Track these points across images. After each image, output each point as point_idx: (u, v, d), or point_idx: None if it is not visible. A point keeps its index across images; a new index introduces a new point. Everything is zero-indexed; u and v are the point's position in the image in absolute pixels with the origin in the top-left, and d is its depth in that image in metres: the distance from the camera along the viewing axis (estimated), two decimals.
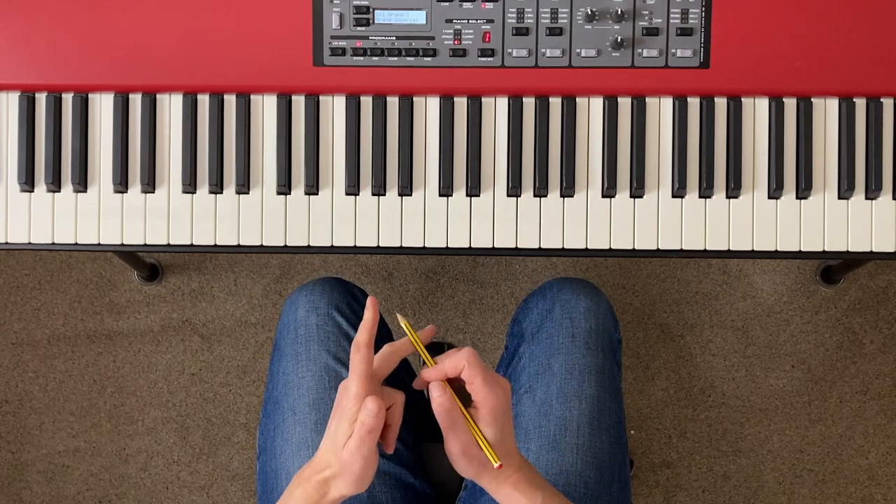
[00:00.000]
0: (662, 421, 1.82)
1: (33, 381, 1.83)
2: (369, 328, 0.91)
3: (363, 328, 0.91)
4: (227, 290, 1.83)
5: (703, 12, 1.12)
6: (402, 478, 1.13)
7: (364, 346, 0.89)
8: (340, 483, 0.89)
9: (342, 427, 0.88)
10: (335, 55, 1.13)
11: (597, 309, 1.19)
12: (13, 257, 1.84)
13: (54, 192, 1.15)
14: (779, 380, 1.82)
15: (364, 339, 0.90)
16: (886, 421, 1.82)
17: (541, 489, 0.92)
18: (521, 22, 1.12)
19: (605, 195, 1.15)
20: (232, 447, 1.82)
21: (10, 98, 1.15)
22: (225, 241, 1.15)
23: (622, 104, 1.14)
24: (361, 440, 0.86)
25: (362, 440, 0.86)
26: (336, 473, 0.89)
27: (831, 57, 1.12)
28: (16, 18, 1.12)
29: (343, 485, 0.89)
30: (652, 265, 1.84)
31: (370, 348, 0.90)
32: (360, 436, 0.86)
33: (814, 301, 1.83)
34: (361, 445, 0.86)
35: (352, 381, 0.88)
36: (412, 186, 1.14)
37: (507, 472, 0.91)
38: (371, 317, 0.91)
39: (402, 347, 0.94)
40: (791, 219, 1.15)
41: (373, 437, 0.86)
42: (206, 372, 1.83)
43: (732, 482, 1.82)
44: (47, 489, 1.83)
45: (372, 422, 0.86)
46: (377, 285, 1.83)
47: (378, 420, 0.86)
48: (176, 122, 1.15)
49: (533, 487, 0.92)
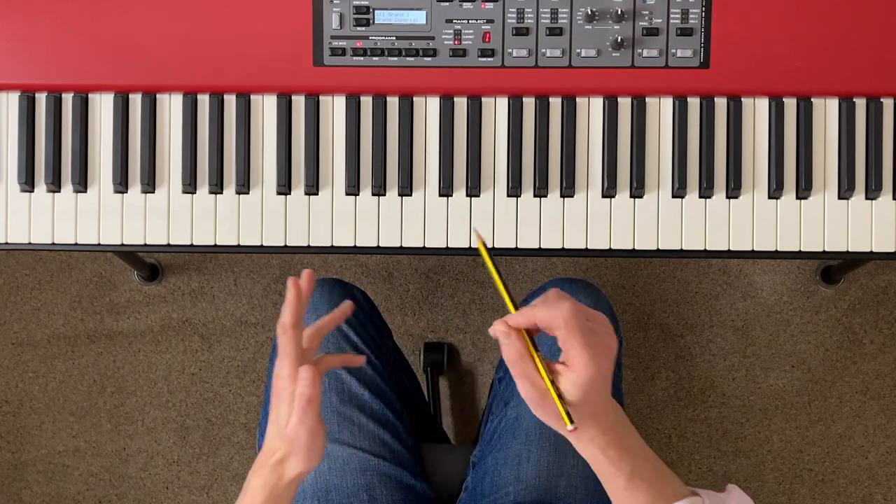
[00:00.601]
0: (662, 421, 1.82)
1: (33, 381, 1.83)
2: (293, 309, 0.89)
3: (286, 309, 0.89)
4: (227, 290, 1.83)
5: (703, 12, 1.12)
6: (403, 479, 1.13)
7: (290, 328, 0.88)
8: (293, 461, 0.88)
9: (281, 409, 0.88)
10: (335, 55, 1.13)
11: (596, 309, 1.19)
12: (13, 257, 1.84)
13: (54, 192, 1.15)
14: (779, 380, 1.82)
15: (288, 320, 0.88)
16: (886, 421, 1.82)
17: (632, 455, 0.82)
18: (521, 22, 1.12)
19: (605, 195, 1.15)
20: (232, 447, 1.82)
21: (10, 98, 1.15)
22: (225, 241, 1.15)
23: (622, 104, 1.14)
24: (303, 411, 0.86)
25: (303, 411, 0.86)
26: (287, 454, 0.89)
27: (831, 57, 1.12)
28: (16, 18, 1.12)
29: (296, 462, 0.88)
30: (652, 265, 1.84)
31: (297, 328, 0.89)
32: (301, 407, 0.86)
33: (814, 301, 1.83)
34: (304, 417, 0.86)
35: (282, 363, 0.88)
36: (412, 186, 1.14)
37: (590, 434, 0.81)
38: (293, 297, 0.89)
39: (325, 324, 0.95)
40: (791, 219, 1.15)
41: (313, 406, 0.86)
42: (206, 372, 1.83)
43: (732, 482, 1.81)
44: (47, 489, 1.83)
45: (308, 391, 0.85)
46: (377, 285, 1.83)
47: (314, 388, 0.86)
48: (176, 122, 1.15)
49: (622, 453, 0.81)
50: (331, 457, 1.11)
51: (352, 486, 1.11)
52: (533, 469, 1.10)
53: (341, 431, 1.12)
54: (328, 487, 1.10)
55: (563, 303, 0.78)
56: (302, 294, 0.90)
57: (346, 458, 1.11)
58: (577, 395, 0.78)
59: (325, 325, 0.96)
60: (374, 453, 1.12)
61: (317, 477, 1.11)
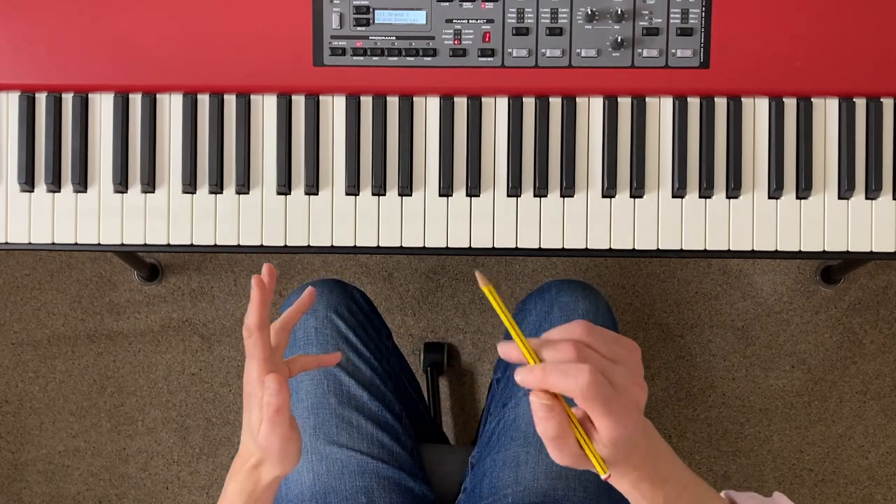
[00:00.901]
0: (662, 421, 1.82)
1: (33, 381, 1.83)
2: (258, 309, 0.86)
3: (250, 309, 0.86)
4: (227, 290, 1.83)
5: (703, 12, 1.12)
6: (402, 481, 1.13)
7: (256, 329, 0.86)
8: (268, 466, 0.88)
9: (253, 414, 0.87)
10: (335, 55, 1.13)
11: (595, 311, 1.19)
12: (13, 257, 1.84)
13: (54, 192, 1.15)
14: (779, 380, 1.82)
15: (254, 321, 0.86)
16: (886, 421, 1.82)
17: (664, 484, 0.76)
18: (521, 22, 1.12)
19: (605, 195, 1.15)
20: (232, 447, 1.82)
21: (10, 98, 1.15)
22: (225, 241, 1.15)
23: (622, 104, 1.14)
24: (272, 421, 0.84)
25: (272, 421, 0.84)
26: (260, 459, 0.88)
27: (831, 57, 1.12)
28: (16, 18, 1.12)
29: (271, 467, 0.88)
30: (652, 265, 1.84)
31: (263, 329, 0.86)
32: (269, 417, 0.84)
33: (814, 301, 1.83)
34: (273, 426, 0.85)
35: (251, 366, 0.86)
36: (412, 186, 1.14)
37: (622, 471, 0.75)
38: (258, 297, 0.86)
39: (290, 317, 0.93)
40: (791, 219, 1.15)
41: (282, 415, 0.84)
42: (206, 372, 1.83)
43: (732, 482, 1.81)
44: (47, 489, 1.83)
45: (276, 400, 0.84)
46: (377, 285, 1.83)
47: (281, 397, 0.84)
48: (176, 122, 1.15)
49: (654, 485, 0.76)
50: (329, 459, 1.11)
51: (350, 488, 1.11)
52: (531, 471, 1.10)
53: (340, 434, 1.12)
54: (326, 490, 1.10)
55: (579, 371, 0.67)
56: (266, 292, 0.87)
57: (344, 460, 1.11)
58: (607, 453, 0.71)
59: (289, 318, 0.93)
60: (373, 455, 1.12)
61: (315, 479, 1.11)
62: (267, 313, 0.86)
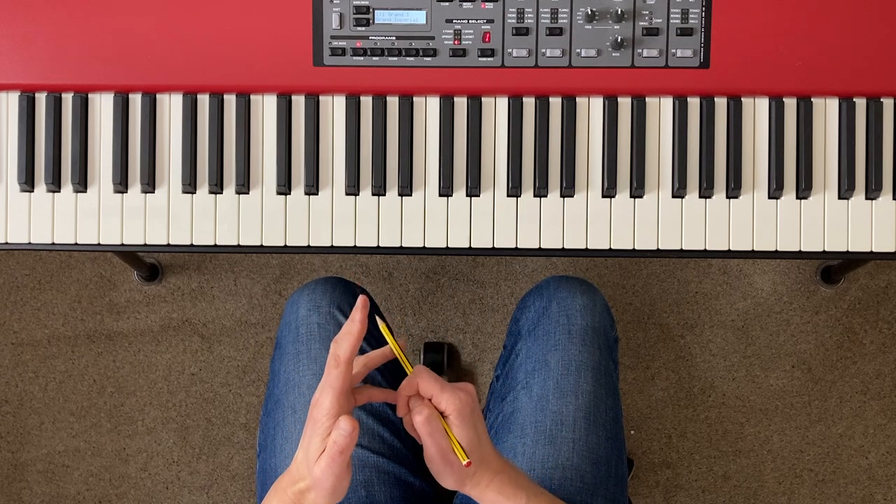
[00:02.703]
0: (662, 421, 1.82)
1: (33, 381, 1.83)
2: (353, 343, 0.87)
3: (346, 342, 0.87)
4: (227, 290, 1.83)
5: (703, 12, 1.12)
6: (401, 476, 1.13)
7: (345, 362, 0.86)
8: (314, 495, 0.89)
9: (314, 442, 0.87)
10: (335, 55, 1.13)
11: (593, 306, 1.19)
12: (13, 257, 1.84)
13: (54, 192, 1.15)
14: (779, 380, 1.82)
15: (346, 354, 0.87)
16: (886, 421, 1.82)
17: (524, 489, 0.92)
18: (521, 22, 1.12)
19: (605, 195, 1.15)
20: (232, 447, 1.82)
21: (10, 98, 1.15)
22: (225, 241, 1.15)
23: (622, 104, 1.14)
24: (332, 459, 0.85)
25: (333, 459, 0.85)
26: (310, 486, 0.89)
27: (831, 57, 1.12)
28: (16, 18, 1.12)
29: (317, 497, 0.89)
30: (652, 265, 1.84)
31: (350, 363, 0.87)
32: (332, 455, 0.85)
33: (814, 301, 1.83)
34: (332, 464, 0.86)
35: (325, 395, 0.87)
36: (412, 186, 1.14)
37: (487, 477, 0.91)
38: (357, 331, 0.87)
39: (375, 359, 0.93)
40: (791, 219, 1.15)
41: (344, 456, 0.85)
42: (206, 372, 1.83)
43: (732, 482, 1.81)
44: (47, 489, 1.83)
45: (344, 441, 0.85)
46: (377, 285, 1.83)
47: (351, 440, 0.85)
48: (176, 122, 1.15)
49: (517, 489, 0.91)
50: None
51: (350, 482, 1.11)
52: (527, 462, 1.10)
53: None
54: None
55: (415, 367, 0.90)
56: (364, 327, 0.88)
57: None
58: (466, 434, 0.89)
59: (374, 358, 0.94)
60: (373, 450, 1.12)
61: None
62: (357, 348, 0.87)
